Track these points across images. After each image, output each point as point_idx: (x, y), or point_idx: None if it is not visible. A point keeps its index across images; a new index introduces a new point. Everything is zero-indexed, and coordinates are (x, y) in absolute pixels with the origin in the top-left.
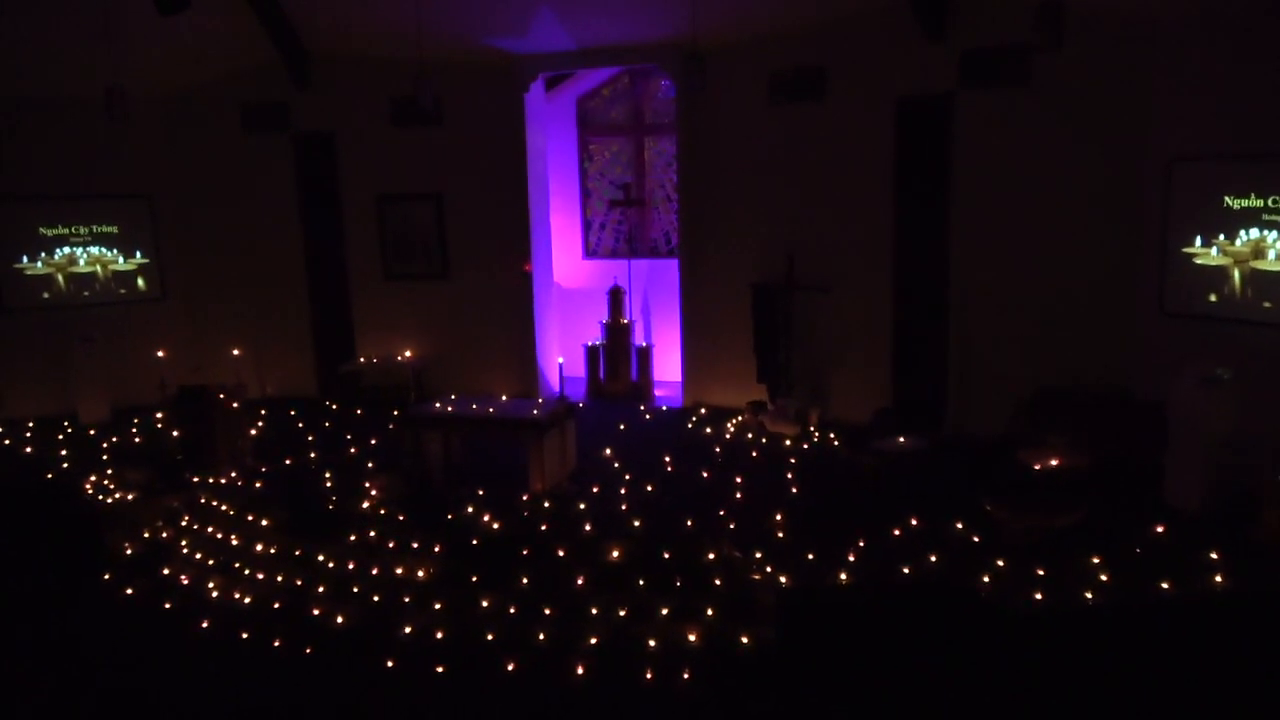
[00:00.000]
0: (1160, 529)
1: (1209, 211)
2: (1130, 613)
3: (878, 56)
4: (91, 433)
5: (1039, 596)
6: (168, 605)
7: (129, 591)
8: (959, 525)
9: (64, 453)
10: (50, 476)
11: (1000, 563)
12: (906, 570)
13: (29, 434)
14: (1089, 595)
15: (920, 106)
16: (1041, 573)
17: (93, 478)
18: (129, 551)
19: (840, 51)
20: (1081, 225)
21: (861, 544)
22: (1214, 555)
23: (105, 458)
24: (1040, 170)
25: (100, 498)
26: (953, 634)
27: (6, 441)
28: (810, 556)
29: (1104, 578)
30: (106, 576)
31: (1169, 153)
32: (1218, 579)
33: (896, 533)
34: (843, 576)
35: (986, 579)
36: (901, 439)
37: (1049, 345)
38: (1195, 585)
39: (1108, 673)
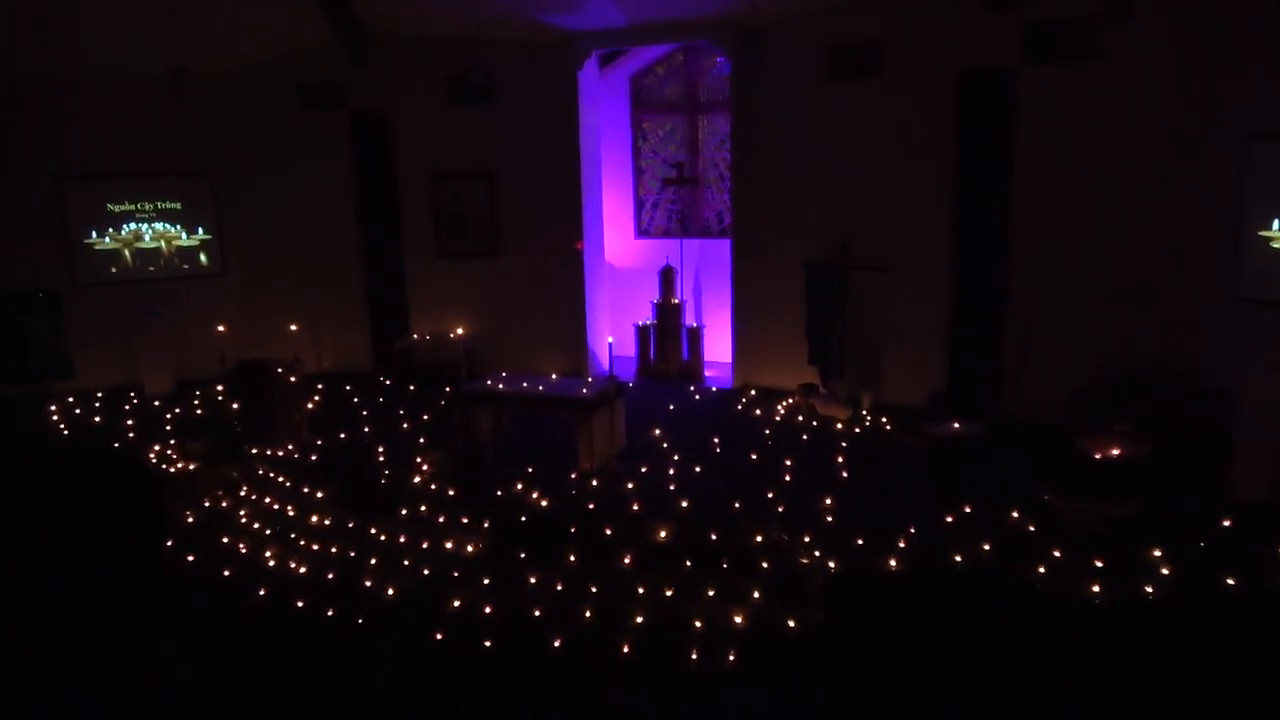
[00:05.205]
0: (1226, 521)
1: None
2: (1192, 607)
3: (938, 29)
4: (156, 404)
5: (1097, 588)
6: (226, 573)
7: (189, 558)
8: (1014, 513)
9: (130, 423)
10: (117, 446)
11: (1057, 553)
12: (959, 558)
13: (98, 404)
14: (1149, 588)
15: (982, 81)
16: (1100, 564)
17: (156, 448)
18: (190, 519)
19: (899, 24)
20: (1149, 205)
21: (913, 530)
22: None
23: (168, 428)
24: (1106, 147)
25: (163, 467)
26: (1005, 624)
27: (77, 411)
28: (859, 541)
29: (1165, 570)
30: (169, 543)
31: (1246, 129)
32: None
33: (949, 519)
34: (893, 563)
35: (1042, 569)
36: (956, 424)
37: (1111, 328)
38: (1262, 580)
39: (1166, 668)
